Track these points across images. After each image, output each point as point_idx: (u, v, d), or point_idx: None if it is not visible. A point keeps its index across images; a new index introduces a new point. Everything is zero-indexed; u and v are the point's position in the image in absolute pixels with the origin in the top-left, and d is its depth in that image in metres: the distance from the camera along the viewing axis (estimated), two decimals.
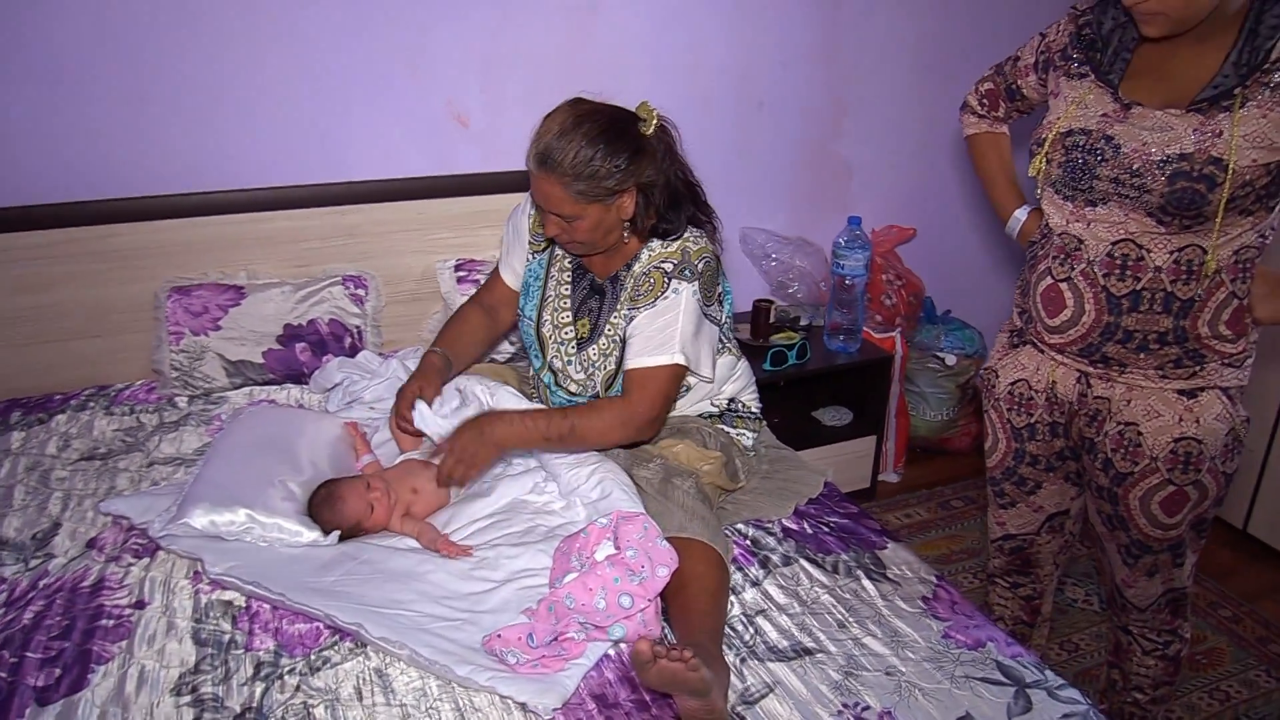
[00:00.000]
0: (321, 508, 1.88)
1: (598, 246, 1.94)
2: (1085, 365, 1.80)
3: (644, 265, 1.94)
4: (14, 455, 2.20)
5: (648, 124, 1.87)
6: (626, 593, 1.55)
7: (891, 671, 1.58)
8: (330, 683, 1.53)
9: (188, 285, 2.54)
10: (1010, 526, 2.12)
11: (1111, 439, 1.80)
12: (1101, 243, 1.69)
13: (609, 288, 2.00)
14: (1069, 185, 1.72)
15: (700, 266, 1.92)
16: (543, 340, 2.09)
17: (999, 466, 2.05)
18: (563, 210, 1.85)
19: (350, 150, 2.70)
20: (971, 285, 3.74)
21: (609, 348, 1.98)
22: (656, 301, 1.89)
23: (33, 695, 1.49)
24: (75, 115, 2.42)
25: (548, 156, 1.81)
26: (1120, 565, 1.95)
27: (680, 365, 1.89)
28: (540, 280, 2.11)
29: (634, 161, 1.83)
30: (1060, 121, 1.75)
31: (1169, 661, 2.05)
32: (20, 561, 1.83)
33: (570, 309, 2.06)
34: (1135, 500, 1.82)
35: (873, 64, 3.24)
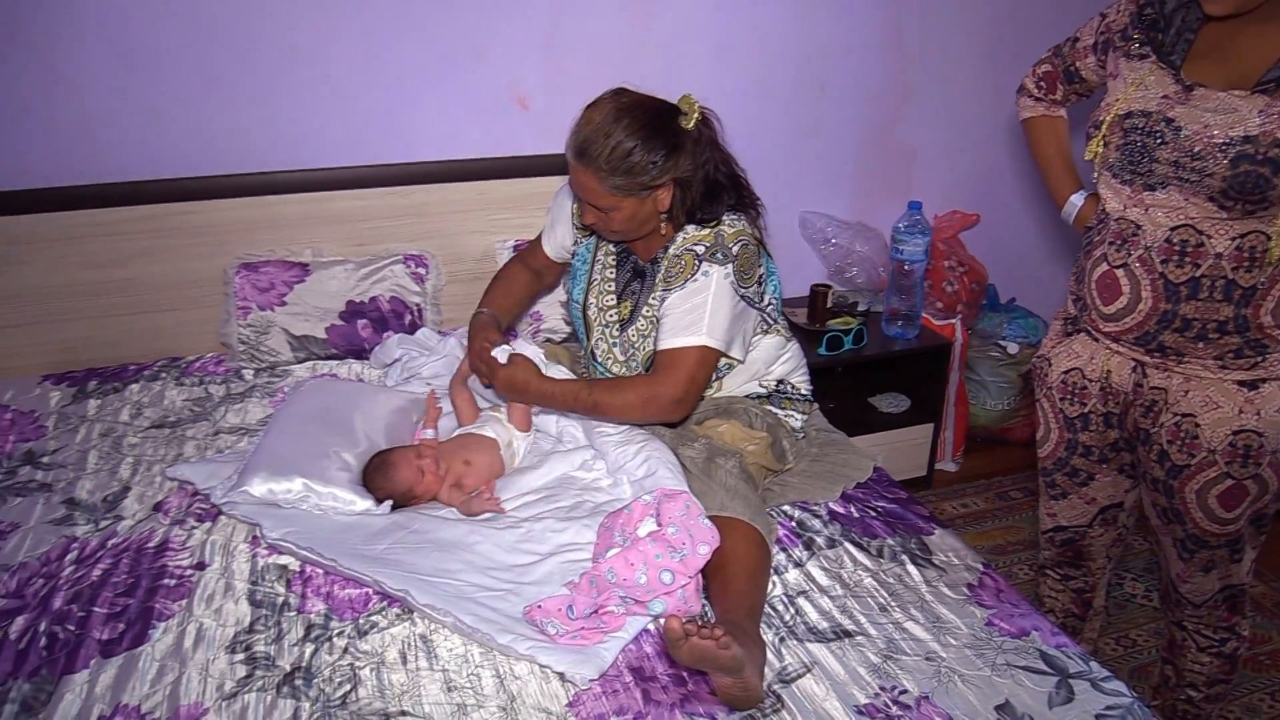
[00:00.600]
0: (374, 475, 1.93)
1: (633, 235, 1.97)
2: (1141, 354, 1.76)
3: (678, 248, 1.95)
4: (90, 421, 2.30)
5: (689, 118, 1.87)
6: (667, 569, 1.57)
7: (931, 657, 1.58)
8: (377, 646, 1.58)
9: (255, 262, 2.61)
10: (1061, 518, 2.09)
11: (1168, 430, 1.77)
12: (1160, 228, 1.65)
13: (649, 270, 2.02)
14: (1127, 169, 1.69)
15: (736, 249, 1.91)
16: (589, 322, 2.12)
17: (1050, 457, 2.02)
18: (599, 202, 1.87)
19: (414, 131, 2.75)
20: (1037, 273, 3.67)
21: (647, 329, 2.00)
22: (686, 284, 1.90)
23: (98, 647, 1.57)
24: (151, 97, 2.51)
25: (585, 150, 1.83)
26: (1175, 559, 1.91)
27: (710, 347, 1.89)
28: (587, 264, 2.13)
29: (671, 157, 1.84)
30: (1119, 103, 1.71)
31: (1225, 660, 2.00)
32: (91, 522, 1.92)
33: (614, 291, 2.08)
34: (1191, 493, 1.78)
35: (938, 48, 3.19)
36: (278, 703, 1.46)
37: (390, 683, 1.50)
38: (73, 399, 2.40)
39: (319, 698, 1.47)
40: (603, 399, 1.93)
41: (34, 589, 1.71)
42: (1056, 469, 2.03)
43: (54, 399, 2.40)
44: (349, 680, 1.51)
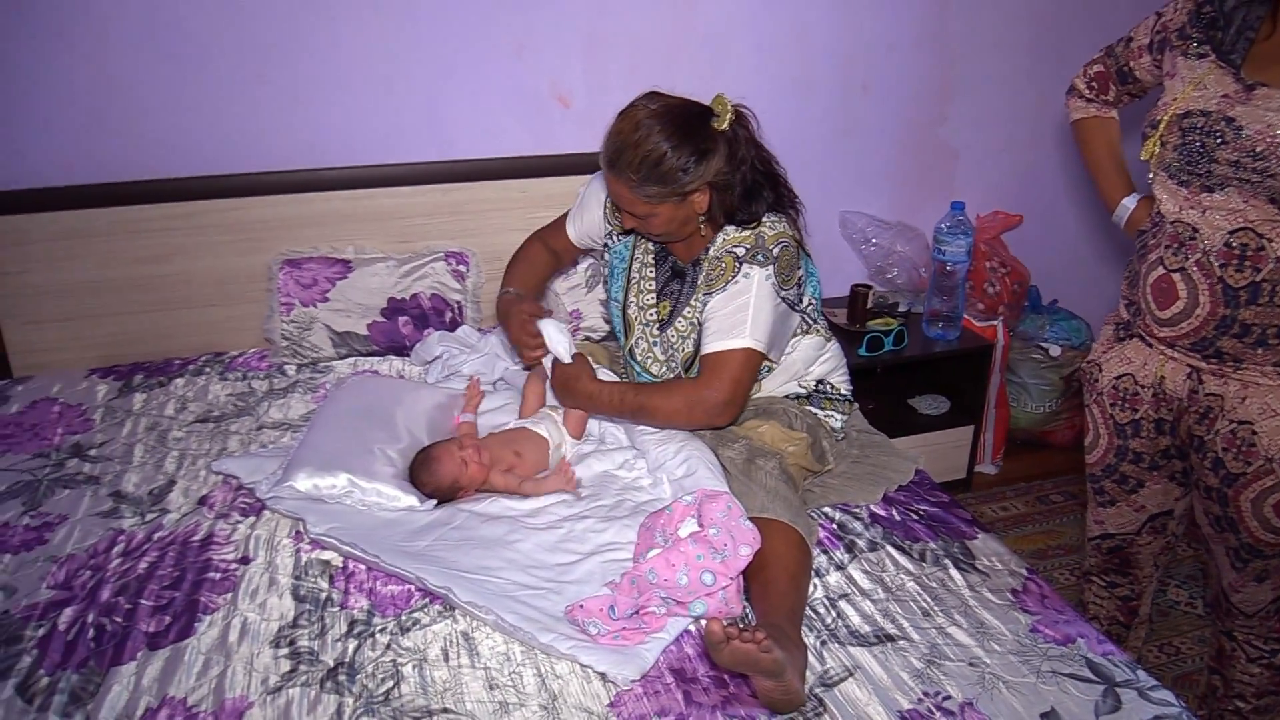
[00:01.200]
0: (419, 471, 1.94)
1: (675, 237, 1.96)
2: (1197, 360, 1.73)
3: (718, 249, 1.94)
4: (135, 415, 2.33)
5: (721, 119, 1.84)
6: (709, 570, 1.56)
7: (975, 663, 1.56)
8: (419, 643, 1.59)
9: (299, 258, 2.64)
10: (1109, 525, 2.06)
11: (1223, 438, 1.74)
12: (1218, 231, 1.62)
13: (690, 271, 2.01)
14: (1185, 169, 1.66)
15: (776, 251, 1.90)
16: (628, 321, 2.11)
17: (1099, 463, 1.99)
18: (635, 210, 1.87)
19: (456, 129, 2.76)
20: (1080, 275, 3.62)
21: (687, 330, 1.99)
22: (728, 286, 1.89)
23: (144, 639, 1.59)
24: (199, 96, 2.54)
25: (617, 160, 1.83)
26: (1228, 569, 1.88)
27: (754, 350, 1.88)
28: (625, 262, 2.13)
29: (702, 162, 1.82)
30: (1177, 103, 1.68)
31: (1275, 671, 1.97)
32: (138, 515, 1.94)
33: (654, 291, 2.07)
34: (1247, 502, 1.75)
35: (982, 47, 3.16)
36: (321, 698, 1.47)
37: (433, 680, 1.51)
38: (119, 393, 2.44)
39: (362, 694, 1.48)
40: (649, 402, 1.92)
41: (81, 581, 1.74)
42: (1105, 475, 2.00)
43: (101, 392, 2.44)
44: (392, 677, 1.51)
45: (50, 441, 2.21)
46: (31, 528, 1.90)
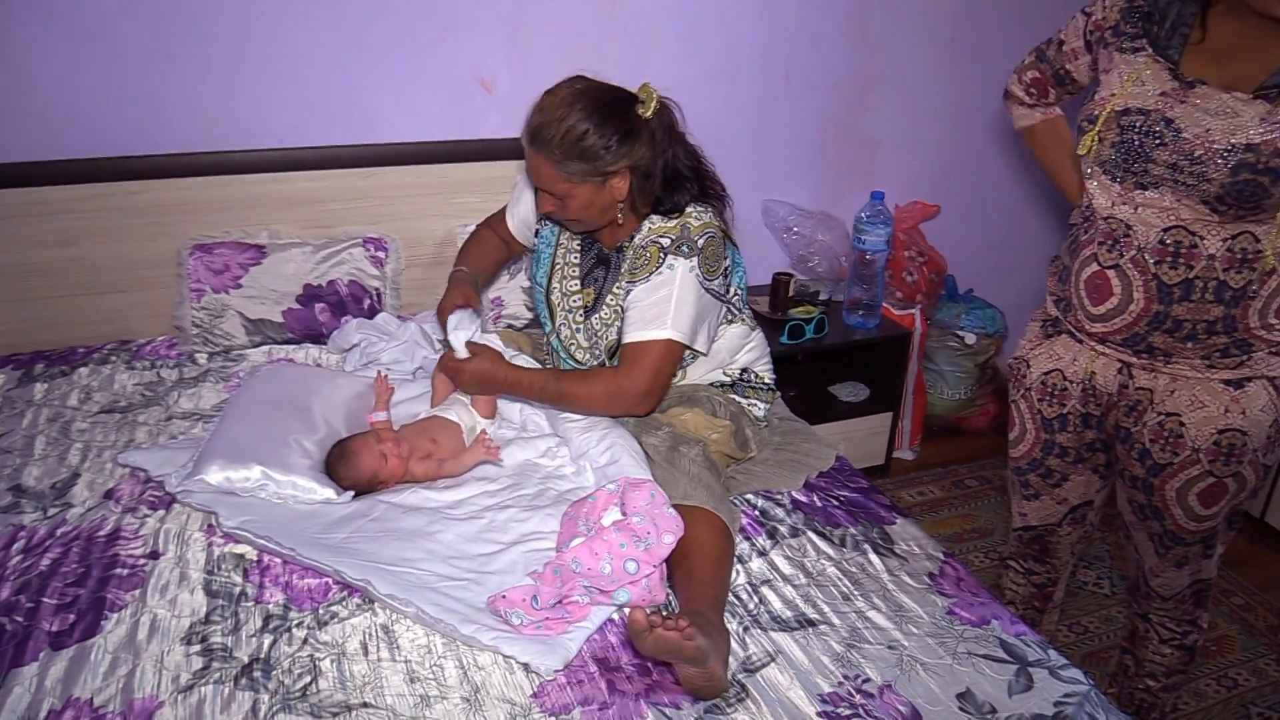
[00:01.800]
0: (337, 465, 1.90)
1: (592, 224, 1.95)
2: (1129, 355, 1.74)
3: (643, 238, 1.94)
4: (36, 406, 2.24)
5: (646, 106, 1.85)
6: (632, 558, 1.56)
7: (894, 645, 1.59)
8: (337, 637, 1.55)
9: (210, 243, 2.56)
10: (1033, 518, 2.08)
11: (1151, 429, 1.76)
12: (1152, 229, 1.62)
13: (614, 258, 2.01)
14: (1120, 166, 1.65)
15: (701, 243, 1.90)
16: (552, 307, 2.10)
17: (1025, 457, 2.01)
18: (554, 189, 1.86)
19: (375, 113, 2.70)
20: (994, 264, 3.70)
21: (611, 318, 1.98)
22: (651, 276, 1.89)
23: (47, 639, 1.53)
24: (103, 71, 2.43)
25: (539, 134, 1.82)
26: (1150, 554, 1.92)
27: (674, 341, 1.88)
28: (551, 247, 2.12)
29: (625, 143, 1.83)
30: (1115, 99, 1.67)
31: (1185, 651, 2.03)
32: (39, 510, 1.86)
33: (578, 277, 2.06)
34: (1172, 491, 1.78)
35: (903, 39, 3.20)
36: (236, 695, 1.43)
37: (351, 674, 1.48)
38: (18, 382, 2.33)
39: (278, 689, 1.44)
40: (569, 389, 1.93)
41: None
42: (1031, 469, 2.01)
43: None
44: (309, 672, 1.48)
45: None
46: None
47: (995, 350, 3.47)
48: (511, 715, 1.41)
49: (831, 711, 1.45)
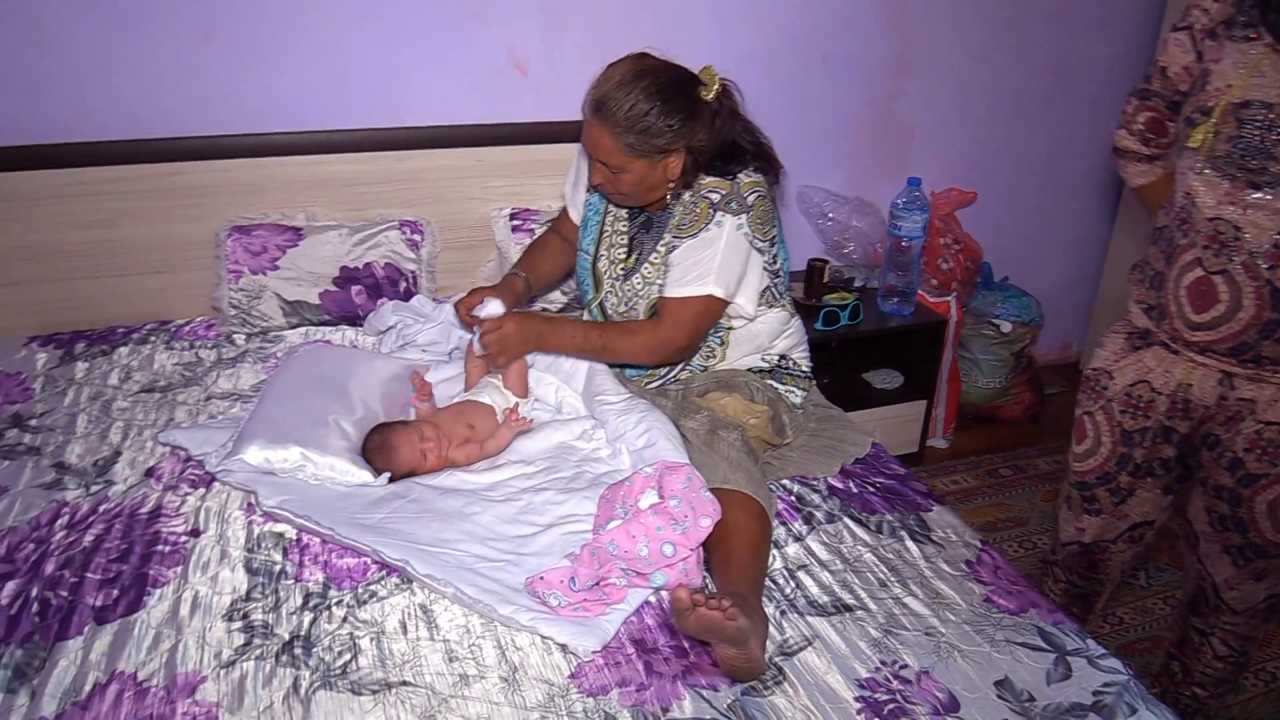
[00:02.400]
0: (375, 455, 1.91)
1: (640, 200, 1.96)
2: (1233, 365, 1.65)
3: (693, 194, 1.95)
4: (78, 385, 2.26)
5: (709, 89, 1.86)
6: (669, 541, 1.56)
7: (931, 632, 1.58)
8: (376, 616, 1.57)
9: (248, 225, 2.57)
10: (1089, 534, 2.00)
11: (1247, 438, 1.68)
12: (1265, 231, 1.53)
13: (658, 219, 2.02)
14: (1234, 163, 1.54)
15: (751, 199, 1.91)
16: (598, 275, 2.11)
17: (1095, 471, 1.92)
18: (610, 160, 1.87)
19: (410, 96, 2.70)
20: (1031, 252, 3.67)
21: (653, 275, 1.99)
22: (699, 233, 1.91)
23: (91, 613, 1.55)
24: (142, 55, 2.45)
25: (603, 104, 1.82)
26: (1226, 567, 1.85)
27: (715, 297, 1.90)
28: (599, 214, 2.12)
29: (687, 123, 1.84)
30: (1233, 90, 1.55)
31: (1239, 668, 1.99)
32: (82, 486, 1.89)
33: (625, 244, 2.07)
34: (1263, 504, 1.72)
35: (940, 23, 3.16)
36: (277, 671, 1.44)
37: (391, 652, 1.49)
38: (60, 361, 2.36)
39: (319, 667, 1.46)
40: (612, 341, 1.97)
41: (25, 554, 1.69)
42: (1100, 483, 1.92)
43: (40, 361, 2.36)
44: (349, 650, 1.49)
45: None
46: None
47: (1031, 339, 3.43)
48: (550, 696, 1.42)
49: (869, 696, 1.44)
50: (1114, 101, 3.51)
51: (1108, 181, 3.69)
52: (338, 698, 1.40)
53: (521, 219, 2.72)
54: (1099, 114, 3.53)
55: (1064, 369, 3.98)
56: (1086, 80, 3.45)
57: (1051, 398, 3.67)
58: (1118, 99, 3.48)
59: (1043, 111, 3.45)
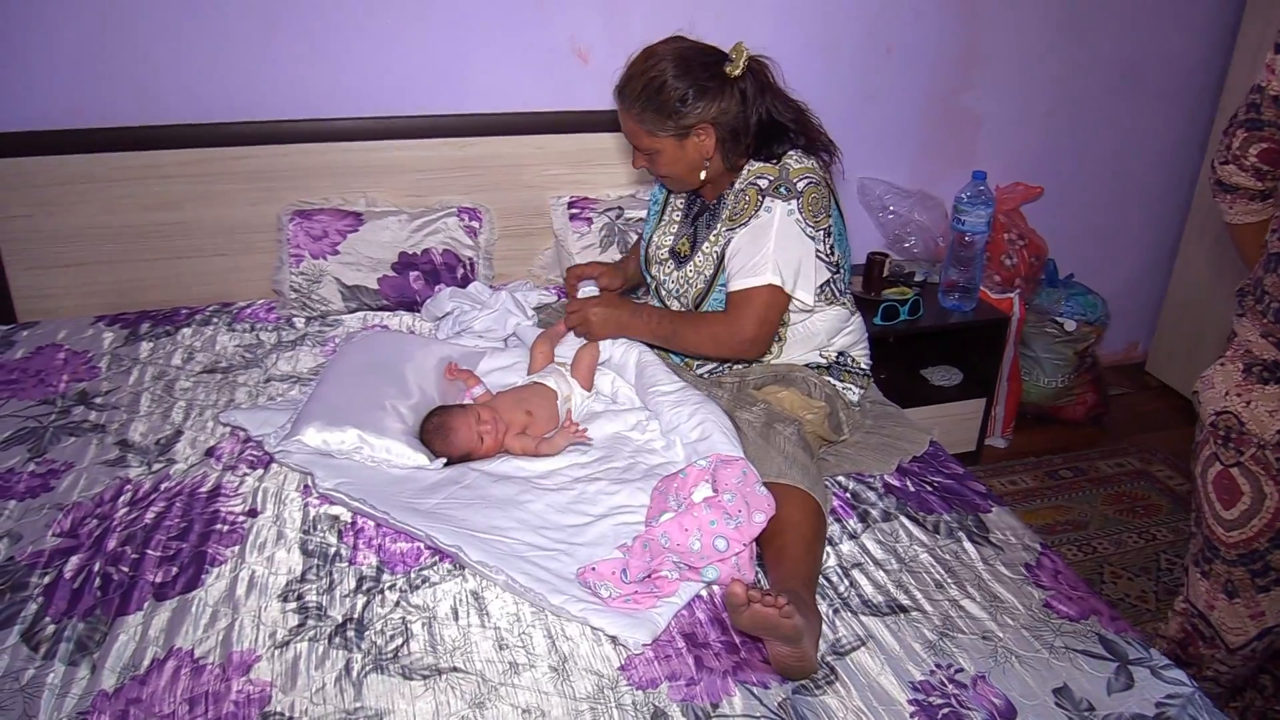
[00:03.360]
0: (433, 437, 1.91)
1: (684, 183, 1.97)
2: None
3: (742, 181, 1.94)
4: (142, 364, 2.31)
5: (735, 64, 1.85)
6: (722, 535, 1.54)
7: (988, 636, 1.55)
8: (428, 601, 1.57)
9: (309, 209, 2.60)
10: (1271, 616, 1.72)
11: None
12: None
13: (713, 208, 2.02)
14: None
15: (801, 185, 1.89)
16: (648, 260, 2.14)
17: (1267, 531, 1.66)
18: (639, 143, 1.90)
19: (472, 82, 2.71)
20: (1098, 250, 3.59)
21: (703, 265, 1.99)
22: (749, 221, 1.90)
23: (151, 590, 1.58)
24: (209, 41, 2.49)
25: (622, 89, 1.87)
26: None
27: (776, 287, 1.88)
28: (659, 204, 2.15)
29: (703, 98, 1.83)
30: None
31: None
32: (144, 464, 1.92)
33: (674, 233, 2.10)
34: None
35: (1011, 13, 3.10)
36: (330, 653, 1.46)
37: (442, 638, 1.49)
38: (125, 340, 2.41)
39: (370, 650, 1.47)
40: (681, 330, 2.00)
41: (88, 529, 1.72)
42: (1276, 545, 1.67)
43: (107, 340, 2.41)
44: (401, 634, 1.50)
45: (55, 388, 2.19)
46: (37, 474, 1.88)
47: (1095, 338, 3.36)
48: (599, 687, 1.41)
49: (923, 700, 1.41)
50: (1189, 98, 3.42)
51: (1178, 179, 3.59)
52: (389, 681, 1.41)
53: (580, 207, 2.72)
54: (1171, 110, 3.43)
55: (1128, 370, 3.88)
56: (1159, 75, 3.36)
57: (1115, 399, 3.58)
58: (1192, 96, 3.42)
59: (1113, 106, 3.36)
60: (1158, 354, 3.79)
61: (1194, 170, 3.56)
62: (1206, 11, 3.30)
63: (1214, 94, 3.42)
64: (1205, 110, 3.47)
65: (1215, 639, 1.80)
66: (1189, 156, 3.56)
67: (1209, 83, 3.41)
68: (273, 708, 1.36)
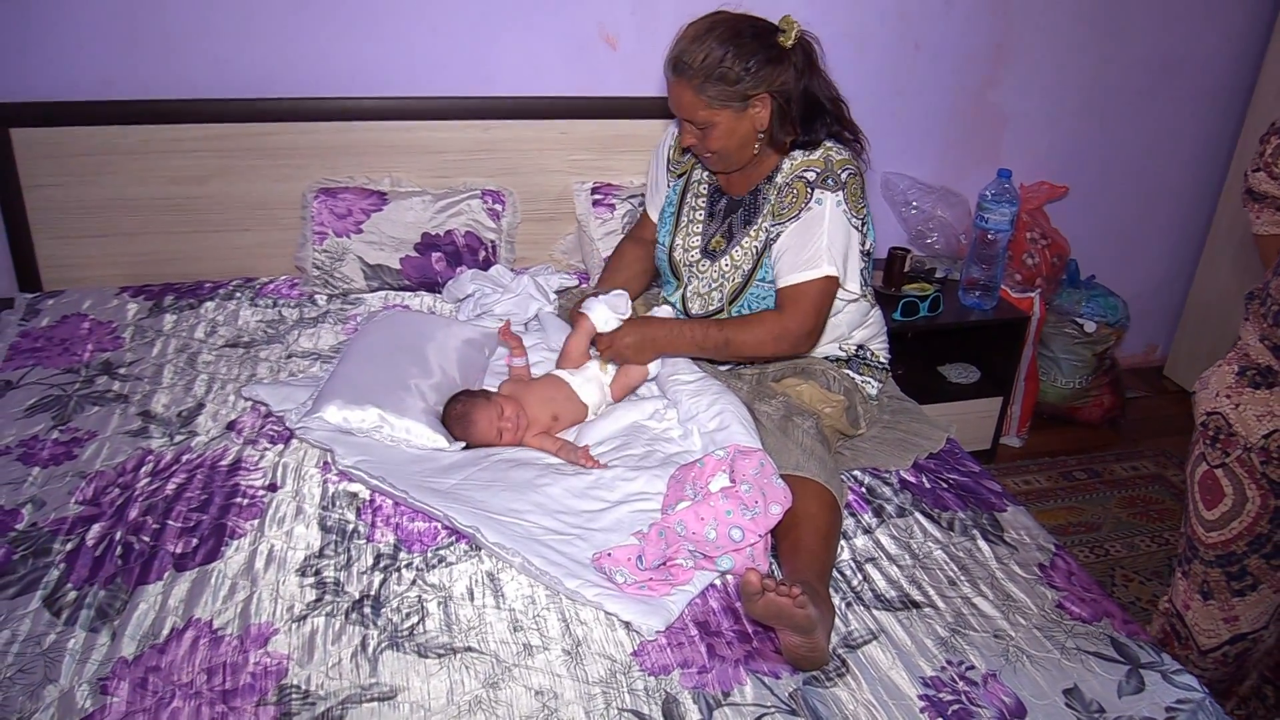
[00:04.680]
0: (454, 424, 1.92)
1: (732, 159, 1.93)
2: None
3: (786, 175, 1.93)
4: (165, 336, 2.32)
5: (787, 35, 1.84)
6: (738, 526, 1.55)
7: (1000, 635, 1.55)
8: (444, 580, 1.59)
9: (334, 187, 2.61)
10: (1245, 622, 1.73)
11: None
12: None
13: (748, 201, 2.00)
14: None
15: (844, 177, 1.89)
16: (675, 264, 2.09)
17: (1246, 535, 1.68)
18: (695, 116, 1.85)
19: (499, 65, 2.71)
20: (1120, 252, 3.57)
21: (741, 259, 1.98)
22: (801, 214, 1.89)
23: (171, 560, 1.59)
24: (238, 16, 2.49)
25: (680, 60, 1.82)
26: None
27: (832, 277, 1.88)
28: (674, 206, 2.11)
29: (766, 66, 1.82)
30: None
31: None
32: (166, 436, 1.94)
33: (700, 234, 2.07)
34: None
35: (1040, 11, 3.07)
36: (346, 628, 1.47)
37: (457, 618, 1.51)
38: (149, 312, 2.43)
39: (386, 627, 1.48)
40: (735, 336, 1.94)
41: (110, 498, 1.74)
42: (1254, 550, 1.68)
43: (131, 311, 2.43)
44: (416, 612, 1.51)
45: (80, 358, 2.21)
46: (61, 442, 1.90)
47: (1115, 340, 3.34)
48: (611, 672, 1.42)
49: (933, 695, 1.42)
50: (1220, 99, 3.39)
51: (1205, 183, 3.56)
52: (404, 659, 1.42)
53: (603, 193, 2.72)
54: (1203, 112, 3.41)
55: (1147, 373, 3.87)
56: (1191, 76, 3.33)
57: (1132, 402, 3.57)
58: (1223, 97, 3.39)
59: (1143, 106, 3.34)
60: (1176, 358, 3.77)
61: (1221, 174, 3.53)
62: (1242, 8, 3.26)
63: (1245, 96, 3.39)
64: (1235, 112, 3.44)
65: (1189, 640, 1.83)
66: (1217, 159, 3.53)
67: (1240, 84, 3.38)
68: (289, 680, 1.38)
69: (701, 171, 2.09)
